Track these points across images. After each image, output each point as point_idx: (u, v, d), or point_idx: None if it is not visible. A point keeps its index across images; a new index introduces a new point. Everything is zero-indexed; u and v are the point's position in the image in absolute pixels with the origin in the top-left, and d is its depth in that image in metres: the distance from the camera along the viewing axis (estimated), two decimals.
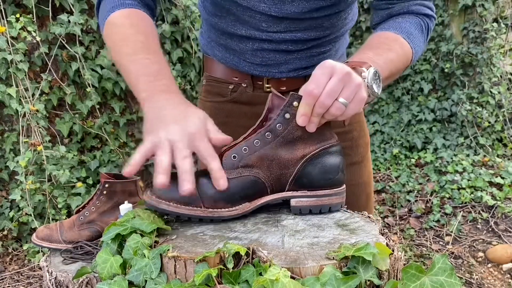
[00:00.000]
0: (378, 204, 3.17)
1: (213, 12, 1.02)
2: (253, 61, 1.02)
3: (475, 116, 3.43)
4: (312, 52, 1.02)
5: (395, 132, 3.71)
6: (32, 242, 0.91)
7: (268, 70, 1.03)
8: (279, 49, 1.00)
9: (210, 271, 0.59)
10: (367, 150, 1.16)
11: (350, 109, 0.73)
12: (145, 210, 0.77)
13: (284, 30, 0.97)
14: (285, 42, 0.99)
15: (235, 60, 1.04)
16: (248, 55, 1.02)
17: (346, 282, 0.58)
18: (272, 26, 0.96)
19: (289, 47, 1.00)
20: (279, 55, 1.01)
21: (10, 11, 2.47)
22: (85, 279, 0.73)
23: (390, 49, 0.90)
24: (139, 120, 3.03)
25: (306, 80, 1.05)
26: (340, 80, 0.71)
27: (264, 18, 0.95)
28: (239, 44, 1.01)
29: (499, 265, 2.44)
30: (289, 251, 0.66)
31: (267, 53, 1.00)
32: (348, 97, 0.72)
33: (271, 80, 1.04)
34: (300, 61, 1.02)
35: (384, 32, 0.96)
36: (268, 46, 0.99)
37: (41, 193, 2.49)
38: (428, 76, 3.63)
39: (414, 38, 0.96)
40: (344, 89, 0.71)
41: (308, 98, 0.71)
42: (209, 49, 1.10)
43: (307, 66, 1.03)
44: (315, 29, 0.98)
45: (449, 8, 3.51)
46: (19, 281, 2.42)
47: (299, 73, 1.04)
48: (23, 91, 2.45)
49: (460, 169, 3.19)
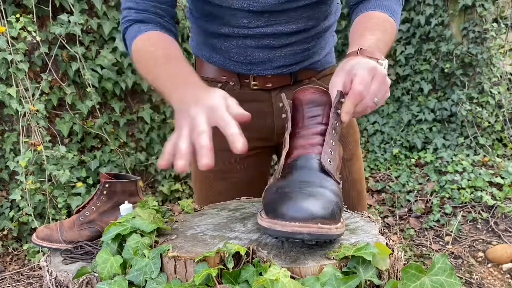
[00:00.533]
0: (378, 204, 3.17)
1: (198, 16, 1.07)
2: (238, 59, 1.06)
3: (475, 116, 3.43)
4: (295, 49, 1.05)
5: (395, 132, 3.71)
6: (32, 242, 0.91)
7: (253, 68, 1.06)
8: (262, 44, 1.02)
9: (210, 271, 0.59)
10: (357, 147, 1.18)
11: (373, 108, 0.80)
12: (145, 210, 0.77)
13: (264, 24, 1.00)
14: (267, 37, 1.01)
15: (221, 59, 1.08)
16: (233, 53, 1.05)
17: (346, 282, 0.58)
18: (253, 22, 0.99)
19: (272, 42, 1.02)
20: (262, 53, 1.03)
21: (10, 11, 2.47)
22: (85, 279, 0.74)
23: (385, 30, 0.94)
24: (139, 120, 3.03)
25: (291, 77, 1.07)
26: (380, 83, 0.78)
27: (244, 14, 0.98)
28: (224, 43, 1.05)
29: (499, 265, 2.44)
30: (289, 251, 0.66)
31: (250, 51, 1.03)
32: (381, 98, 0.79)
33: (257, 77, 1.07)
34: (284, 58, 1.05)
35: (374, 12, 0.98)
36: (251, 43, 1.02)
37: (41, 193, 2.49)
38: (428, 76, 3.63)
39: (397, 14, 1.00)
40: (379, 91, 0.78)
41: (357, 98, 0.76)
42: (198, 51, 1.14)
43: (291, 64, 1.06)
44: (295, 21, 1.01)
45: (449, 8, 3.51)
46: (19, 281, 2.42)
47: (283, 71, 1.07)
48: (23, 91, 2.45)
49: (460, 169, 3.19)
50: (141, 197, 0.94)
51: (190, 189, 3.22)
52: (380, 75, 0.78)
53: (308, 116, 0.79)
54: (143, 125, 3.04)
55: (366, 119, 3.86)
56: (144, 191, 3.03)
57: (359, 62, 0.79)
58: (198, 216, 0.85)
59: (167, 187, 3.08)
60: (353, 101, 0.77)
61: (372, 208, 3.08)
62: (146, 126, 3.02)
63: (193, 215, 0.86)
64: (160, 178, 3.12)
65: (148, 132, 3.06)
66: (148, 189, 3.10)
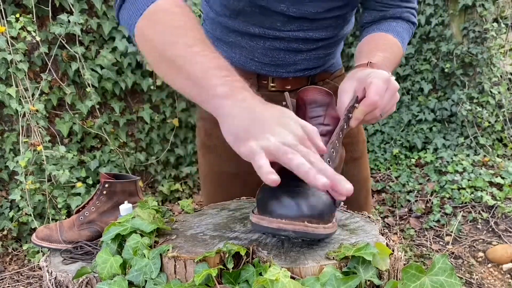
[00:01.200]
0: (378, 204, 3.17)
1: (221, 12, 1.01)
2: (262, 60, 1.03)
3: (475, 116, 3.43)
4: (319, 53, 1.05)
5: (395, 132, 3.71)
6: (32, 242, 0.91)
7: (276, 70, 1.05)
8: (290, 48, 1.01)
9: (210, 271, 0.59)
10: (365, 146, 1.21)
11: (378, 119, 0.82)
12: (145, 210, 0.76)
13: (297, 28, 0.99)
14: (296, 41, 1.00)
15: (242, 59, 1.05)
16: (258, 53, 1.02)
17: (346, 282, 0.58)
18: (287, 25, 0.98)
19: (300, 46, 1.01)
20: (288, 55, 1.02)
21: (10, 11, 2.47)
22: (85, 279, 0.73)
23: (393, 52, 0.99)
24: (139, 120, 3.03)
25: (308, 79, 1.08)
26: (392, 96, 0.80)
27: (280, 17, 0.96)
28: (249, 42, 1.01)
29: (499, 265, 2.44)
30: (289, 251, 0.66)
31: (277, 53, 1.02)
32: (387, 111, 0.81)
33: (276, 79, 1.06)
34: (308, 61, 1.05)
35: (386, 34, 1.02)
36: (280, 45, 1.00)
37: (41, 193, 2.49)
38: (428, 76, 3.63)
39: (405, 43, 1.05)
40: (390, 103, 0.81)
41: (370, 107, 0.78)
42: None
43: (313, 67, 1.07)
44: (325, 29, 1.01)
45: (449, 8, 3.51)
46: (19, 281, 2.41)
47: (305, 73, 1.07)
48: (23, 91, 2.45)
49: (460, 169, 3.19)
50: (141, 197, 0.94)
51: (190, 189, 3.22)
52: (393, 88, 0.79)
53: (310, 116, 0.80)
54: (143, 125, 3.03)
55: None
56: (144, 191, 3.03)
57: (374, 71, 0.80)
58: (198, 216, 0.85)
59: (167, 187, 3.08)
60: (366, 109, 0.78)
61: (372, 208, 3.08)
62: (146, 126, 3.02)
63: (193, 215, 0.86)
64: (160, 178, 3.12)
65: (148, 132, 3.06)
66: (148, 189, 3.10)
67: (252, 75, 1.06)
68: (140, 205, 0.79)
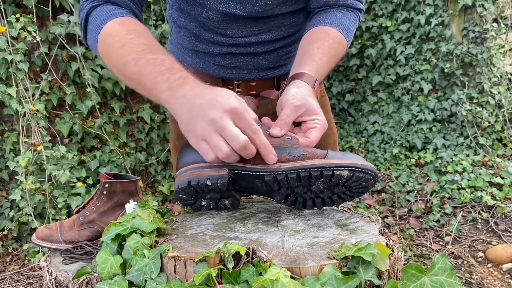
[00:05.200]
0: (378, 204, 3.17)
1: (179, 18, 1.04)
2: (223, 63, 1.05)
3: (475, 116, 3.43)
4: (279, 52, 1.06)
5: (395, 132, 3.70)
6: (32, 242, 0.91)
7: (238, 72, 1.06)
8: (247, 52, 1.03)
9: (210, 271, 0.59)
10: (336, 148, 1.21)
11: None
12: (145, 210, 0.77)
13: (249, 34, 1.00)
14: (251, 45, 1.02)
15: (205, 64, 1.07)
16: (218, 58, 1.05)
17: (346, 282, 0.58)
18: (237, 32, 1.00)
19: (256, 49, 1.03)
20: (247, 58, 1.04)
21: (10, 11, 2.47)
22: (85, 279, 0.73)
23: (335, 55, 0.95)
24: (139, 120, 3.03)
25: (274, 82, 1.09)
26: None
27: (227, 22, 0.97)
28: (208, 48, 1.04)
29: (499, 265, 2.44)
30: (289, 251, 0.66)
31: (235, 56, 1.04)
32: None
33: (241, 84, 1.07)
34: (268, 61, 1.06)
35: (332, 30, 0.98)
36: (236, 50, 1.03)
37: (41, 193, 2.49)
38: (428, 76, 3.63)
39: (351, 35, 1.02)
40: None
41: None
42: (180, 56, 1.12)
43: (276, 66, 1.07)
44: (278, 29, 1.02)
45: (449, 8, 3.51)
46: (19, 281, 2.42)
47: (268, 73, 1.07)
48: (23, 91, 2.45)
49: (460, 169, 3.19)
50: (141, 197, 0.94)
51: None
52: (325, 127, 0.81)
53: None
54: (143, 125, 3.04)
55: (366, 119, 3.86)
56: (144, 191, 3.03)
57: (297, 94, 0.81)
58: (198, 216, 0.85)
59: (167, 187, 3.08)
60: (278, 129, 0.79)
61: (372, 208, 3.08)
62: (146, 126, 3.02)
63: (193, 215, 0.86)
64: (160, 178, 3.12)
65: (148, 132, 3.06)
66: (148, 189, 3.10)
67: (217, 80, 1.07)
68: (140, 205, 0.80)
